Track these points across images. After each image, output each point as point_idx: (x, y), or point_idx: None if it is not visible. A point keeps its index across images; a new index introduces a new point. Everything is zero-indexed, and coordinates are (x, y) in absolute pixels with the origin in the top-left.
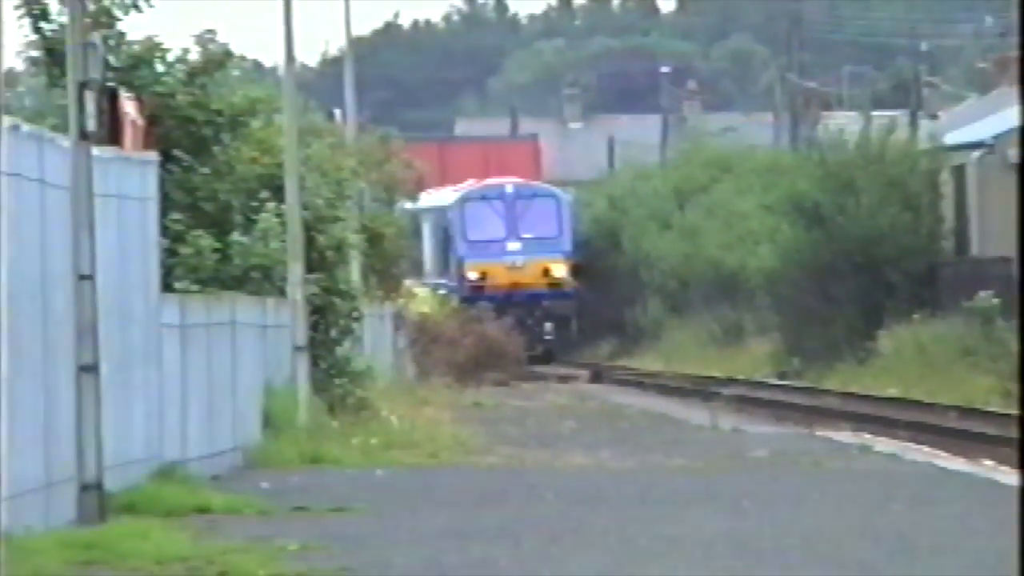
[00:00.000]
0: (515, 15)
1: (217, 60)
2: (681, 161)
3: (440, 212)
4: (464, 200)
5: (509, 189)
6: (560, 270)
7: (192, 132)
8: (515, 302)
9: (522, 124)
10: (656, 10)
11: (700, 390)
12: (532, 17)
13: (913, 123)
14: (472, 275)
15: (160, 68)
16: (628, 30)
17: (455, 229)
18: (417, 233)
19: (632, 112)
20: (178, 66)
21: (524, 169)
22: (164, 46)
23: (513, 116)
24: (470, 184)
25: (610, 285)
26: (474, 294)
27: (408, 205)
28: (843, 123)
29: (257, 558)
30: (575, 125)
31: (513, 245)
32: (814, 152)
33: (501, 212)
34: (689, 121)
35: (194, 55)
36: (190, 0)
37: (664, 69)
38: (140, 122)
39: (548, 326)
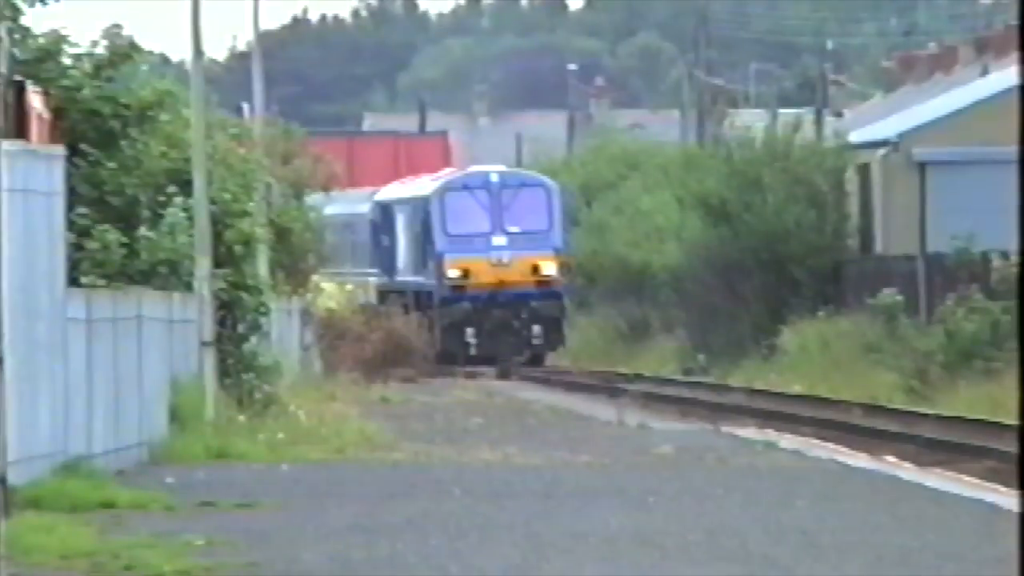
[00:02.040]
0: (424, 12)
1: (124, 54)
2: (588, 158)
3: (416, 203)
4: (444, 190)
5: (494, 178)
6: (550, 267)
7: (99, 126)
8: (500, 302)
9: (431, 120)
10: (564, 8)
11: (606, 386)
12: (441, 14)
13: (819, 121)
14: (452, 273)
15: (66, 61)
16: (536, 28)
17: (434, 222)
18: (388, 227)
19: (540, 109)
20: (85, 59)
21: (433, 165)
22: (70, 39)
23: (422, 112)
24: (450, 172)
25: None
26: (455, 294)
27: (379, 196)
28: (749, 120)
29: (163, 553)
30: (484, 121)
31: (498, 240)
32: (721, 149)
33: (485, 203)
34: (596, 118)
35: (101, 49)
36: None
37: (572, 66)
38: (46, 116)
39: (536, 329)
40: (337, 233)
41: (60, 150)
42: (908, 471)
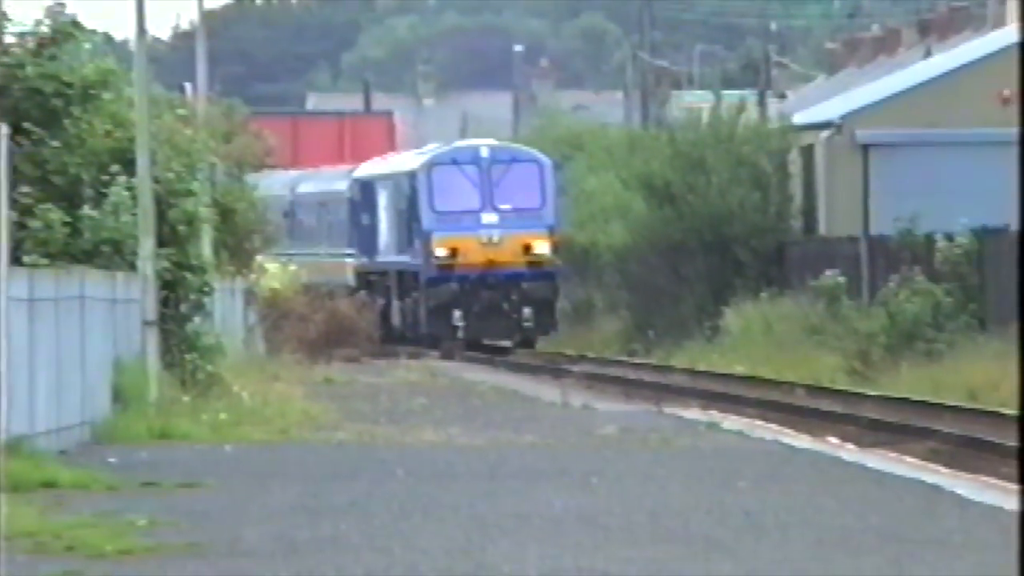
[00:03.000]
0: None
1: (67, 32)
2: (533, 138)
3: (401, 179)
4: (431, 164)
5: (484, 152)
6: (542, 246)
7: (42, 104)
8: (490, 283)
9: (376, 100)
10: None
11: (551, 367)
12: None
13: (762, 103)
14: (440, 252)
15: (9, 39)
16: (482, 8)
17: (420, 198)
18: (368, 204)
19: (485, 89)
20: (27, 37)
21: (379, 145)
22: (12, 18)
23: (366, 91)
24: (437, 146)
25: None
26: (442, 273)
27: (359, 173)
28: (692, 102)
29: (105, 533)
30: (428, 101)
31: (488, 217)
32: (664, 130)
33: (475, 179)
34: (541, 99)
35: (44, 27)
36: None
37: (517, 47)
38: None
39: (527, 311)
40: (312, 212)
41: (2, 128)
42: (850, 452)
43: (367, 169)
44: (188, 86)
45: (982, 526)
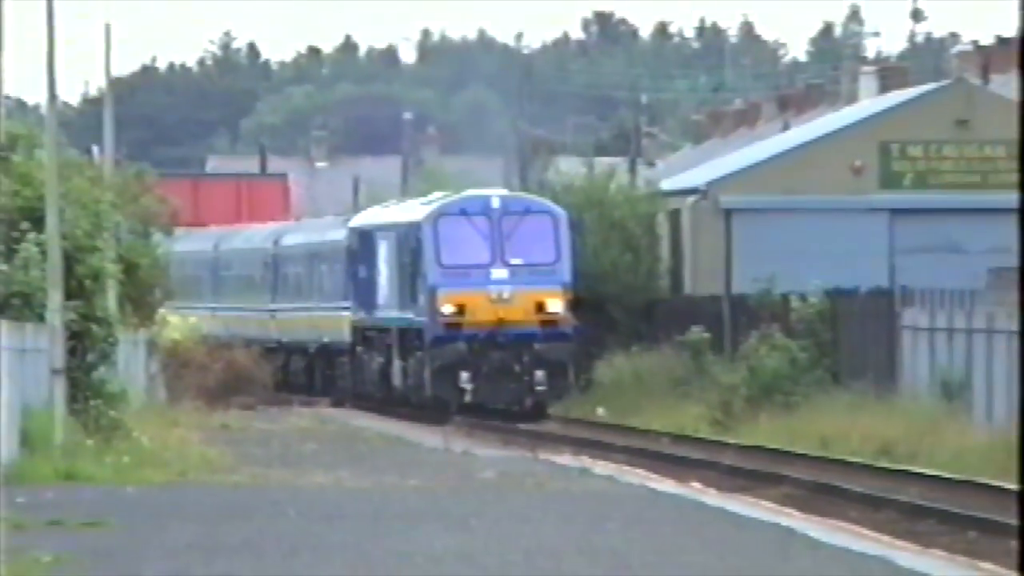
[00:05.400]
0: (267, 61)
1: None
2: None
3: (404, 230)
4: (438, 215)
5: (495, 203)
6: (556, 304)
7: None
8: (499, 343)
9: (271, 163)
10: (398, 61)
11: (434, 415)
12: (283, 63)
13: (633, 169)
14: (446, 308)
15: None
16: (373, 78)
17: (426, 251)
18: (367, 256)
19: (375, 154)
20: None
21: (274, 206)
22: None
23: (262, 155)
24: (444, 195)
25: None
26: (448, 332)
27: (356, 222)
28: (568, 168)
29: (11, 570)
30: (321, 165)
31: (499, 272)
32: (546, 193)
33: (484, 231)
34: (427, 163)
35: None
36: None
37: (406, 115)
38: None
39: (540, 374)
40: (300, 264)
41: None
42: (712, 496)
43: (366, 218)
44: (96, 149)
45: (832, 567)
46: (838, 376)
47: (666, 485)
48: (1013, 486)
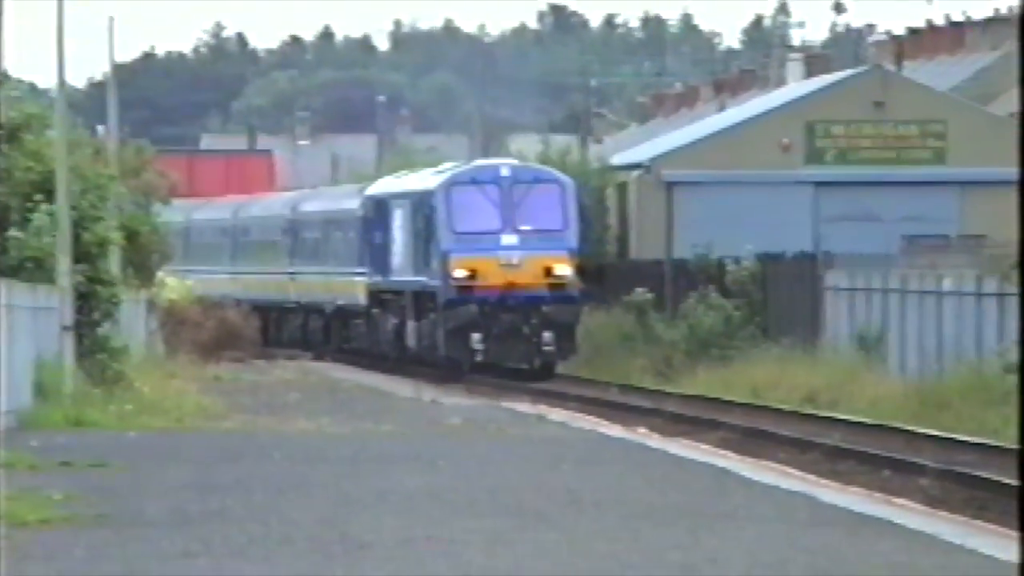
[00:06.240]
0: (254, 49)
1: None
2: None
3: (419, 197)
4: (451, 184)
5: (505, 172)
6: (564, 269)
7: None
8: (509, 306)
9: (259, 141)
10: (373, 48)
11: (405, 367)
12: (269, 50)
13: (583, 147)
14: (459, 273)
15: None
16: (351, 64)
17: (438, 218)
18: (382, 223)
19: (353, 133)
20: None
21: (261, 179)
22: None
23: (251, 134)
24: (456, 165)
25: None
26: (461, 295)
27: (372, 191)
28: (525, 145)
29: (27, 505)
30: (304, 142)
31: (508, 238)
32: None
33: (495, 199)
34: (400, 141)
35: None
36: None
37: (381, 98)
38: None
39: (547, 335)
40: (317, 230)
41: None
42: (655, 440)
43: (381, 187)
44: (100, 128)
45: (763, 502)
46: (768, 332)
47: (615, 430)
48: (923, 430)
